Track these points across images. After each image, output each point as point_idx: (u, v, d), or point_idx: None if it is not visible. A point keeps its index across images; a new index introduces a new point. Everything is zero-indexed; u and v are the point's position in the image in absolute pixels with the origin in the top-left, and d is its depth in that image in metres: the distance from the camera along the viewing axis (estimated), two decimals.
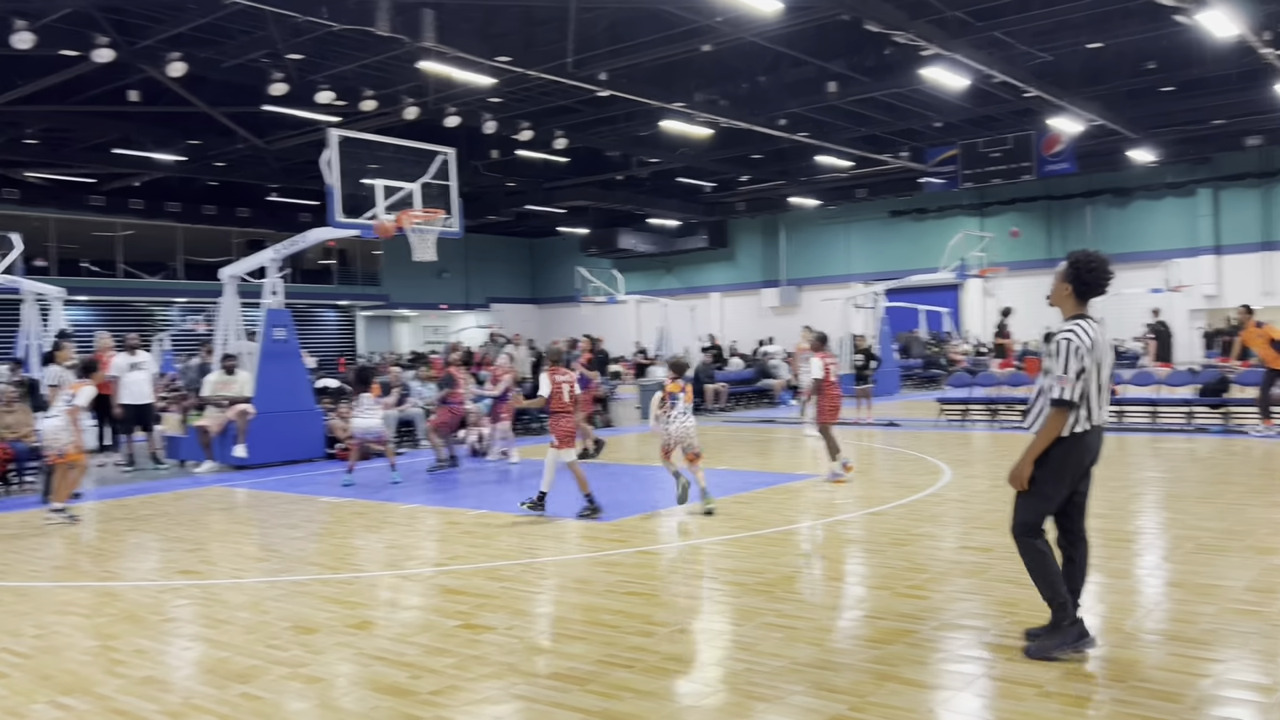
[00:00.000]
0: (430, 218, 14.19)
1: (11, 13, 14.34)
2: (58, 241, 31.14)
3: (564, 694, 4.73)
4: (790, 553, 7.97)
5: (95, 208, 30.97)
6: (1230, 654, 5.05)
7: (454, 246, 27.06)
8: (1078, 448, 4.84)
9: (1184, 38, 17.29)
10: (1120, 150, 27.01)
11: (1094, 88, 21.54)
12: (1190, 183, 31.27)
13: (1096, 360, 4.83)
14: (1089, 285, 4.90)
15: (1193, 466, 12.14)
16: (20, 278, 19.03)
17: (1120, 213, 32.56)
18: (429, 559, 8.14)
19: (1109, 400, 4.99)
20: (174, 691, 5.00)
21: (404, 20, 14.92)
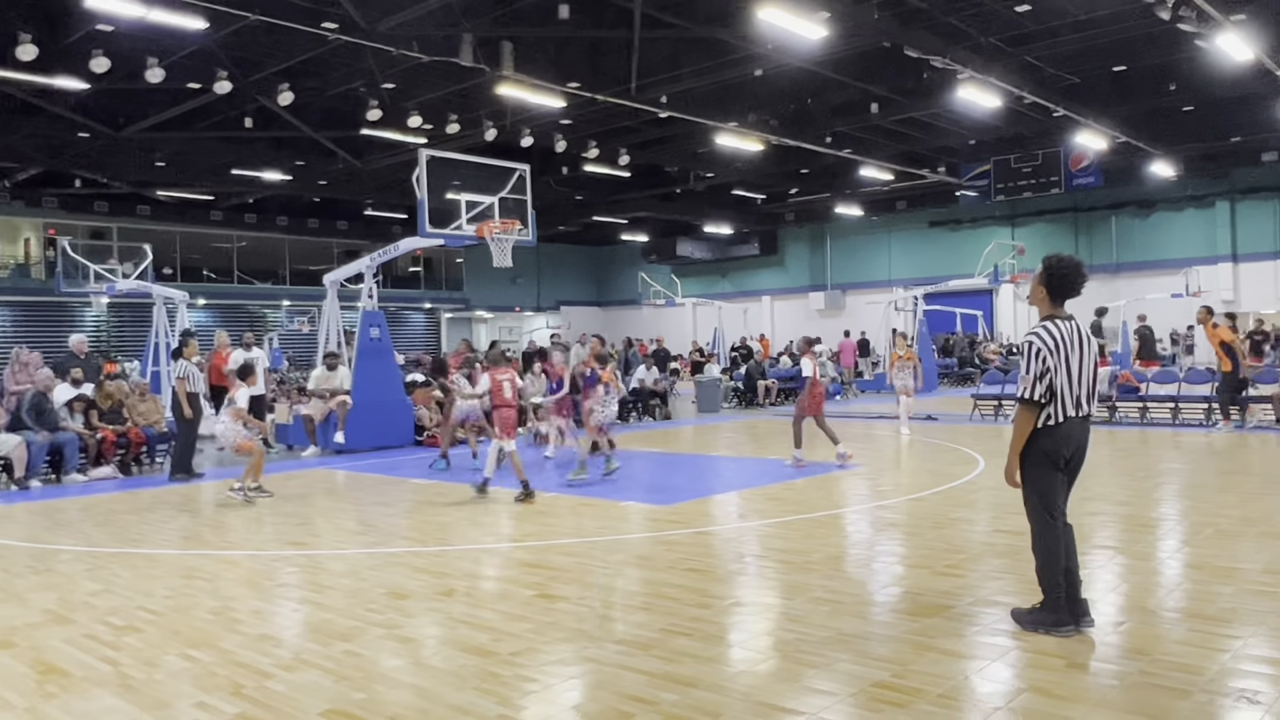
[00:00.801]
0: (507, 228, 14.31)
1: (145, 51, 14.76)
2: (182, 252, 31.95)
3: (630, 658, 4.75)
4: (836, 534, 7.91)
5: (214, 222, 31.80)
6: (1248, 631, 4.91)
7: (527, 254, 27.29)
8: (1053, 438, 4.79)
9: (1203, 60, 16.81)
10: (1143, 165, 26.35)
11: (1118, 107, 21.03)
12: (1209, 195, 30.40)
13: (1066, 357, 4.75)
14: (1061, 287, 4.83)
15: (1211, 458, 11.81)
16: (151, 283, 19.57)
17: (1143, 223, 31.76)
18: (506, 535, 8.21)
19: (1090, 392, 4.86)
20: (285, 647, 5.11)
21: (485, 52, 15.07)
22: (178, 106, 18.34)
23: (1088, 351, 4.85)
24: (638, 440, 15.63)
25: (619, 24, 15.23)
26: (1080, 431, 4.87)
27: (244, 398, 10.56)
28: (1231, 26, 14.02)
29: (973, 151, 26.45)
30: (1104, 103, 20.64)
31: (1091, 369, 4.84)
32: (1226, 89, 19.27)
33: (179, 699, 4.36)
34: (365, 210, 33.04)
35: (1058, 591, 4.82)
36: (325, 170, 24.81)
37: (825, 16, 13.34)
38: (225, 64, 15.85)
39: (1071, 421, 4.80)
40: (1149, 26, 15.27)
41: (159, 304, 19.04)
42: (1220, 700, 4.02)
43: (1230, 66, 16.44)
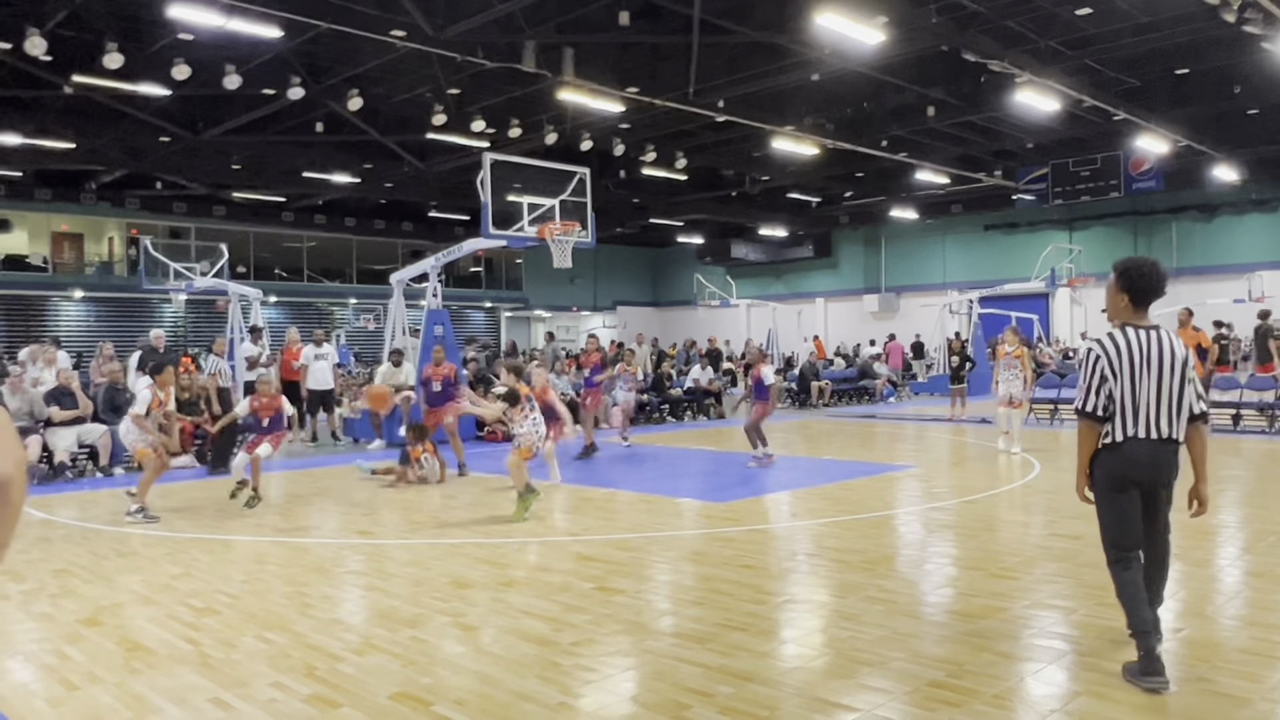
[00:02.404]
0: (568, 230, 14.43)
1: (223, 59, 15.13)
2: (255, 251, 32.65)
3: (686, 650, 4.78)
4: (889, 534, 7.84)
5: (286, 223, 32.46)
6: None
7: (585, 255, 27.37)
8: (1113, 459, 4.29)
9: (1268, 62, 16.29)
10: (1205, 168, 25.57)
11: (1180, 110, 20.45)
12: (1274, 200, 29.43)
13: (1132, 369, 4.22)
14: (1144, 291, 4.32)
15: (1273, 466, 11.47)
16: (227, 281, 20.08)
17: (1204, 228, 30.86)
18: (565, 529, 8.28)
19: (1170, 412, 4.23)
20: (354, 632, 5.23)
21: (546, 58, 15.18)
22: (253, 112, 18.77)
23: (1167, 365, 4.23)
24: (692, 439, 15.64)
25: (678, 30, 15.23)
26: (1151, 455, 4.25)
27: (144, 401, 8.93)
28: None
29: (1030, 155, 25.93)
30: (1165, 106, 20.11)
31: (1173, 386, 4.23)
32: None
33: (256, 678, 4.49)
34: (430, 212, 33.46)
35: (1142, 636, 4.17)
36: (392, 173, 25.17)
37: (883, 21, 13.21)
38: (298, 70, 16.20)
39: (1136, 442, 4.24)
40: (1213, 29, 14.85)
41: (234, 301, 19.51)
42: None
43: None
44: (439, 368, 12.57)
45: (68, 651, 4.96)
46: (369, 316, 32.58)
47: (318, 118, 19.65)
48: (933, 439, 15.23)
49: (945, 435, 15.58)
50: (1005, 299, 29.35)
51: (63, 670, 4.67)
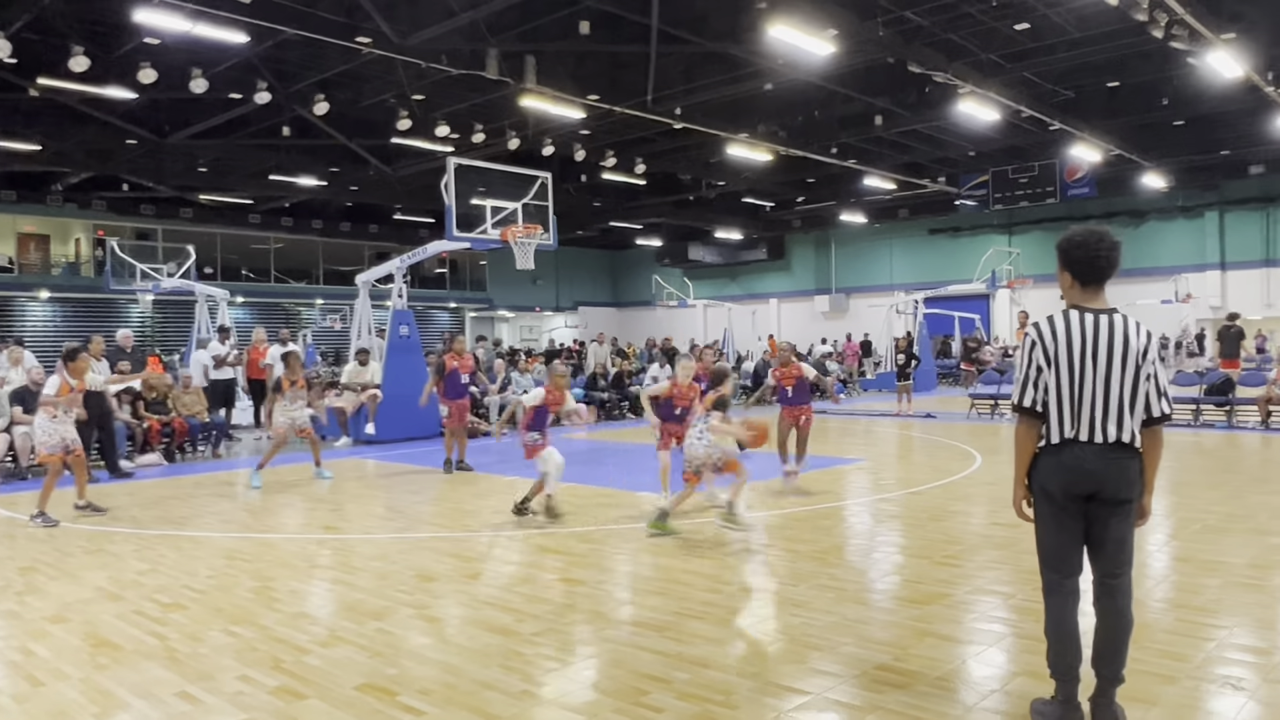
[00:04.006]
0: (530, 232, 14.38)
1: (190, 63, 14.86)
2: (222, 252, 32.10)
3: (645, 638, 4.78)
4: (839, 525, 7.91)
5: (253, 224, 31.95)
6: (1232, 621, 4.90)
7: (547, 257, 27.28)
8: (1053, 465, 3.50)
9: (1194, 77, 16.70)
10: (1135, 176, 26.17)
11: (1112, 121, 20.90)
12: (1199, 206, 30.19)
13: (1071, 360, 3.46)
14: (1084, 264, 3.52)
15: (1199, 458, 11.75)
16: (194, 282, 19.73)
17: (1135, 232, 31.54)
18: (528, 523, 8.24)
19: (1116, 410, 3.42)
20: (321, 625, 5.16)
21: (509, 65, 15.11)
22: (220, 115, 18.45)
23: (1119, 356, 3.43)
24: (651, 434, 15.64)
25: (636, 39, 15.23)
26: (1095, 463, 3.42)
27: (54, 385, 8.34)
28: (1221, 45, 13.93)
29: (972, 162, 26.34)
30: (1098, 117, 20.52)
31: (1125, 381, 3.43)
32: (1216, 104, 19.14)
33: (223, 672, 4.41)
34: (395, 214, 33.15)
35: (1062, 680, 3.55)
36: (358, 176, 24.89)
37: (832, 33, 13.33)
38: (265, 75, 15.95)
39: (1076, 447, 3.44)
40: (1142, 44, 15.18)
41: (201, 302, 19.17)
42: (1206, 687, 4.02)
43: (1220, 83, 16.34)
44: (464, 358, 11.58)
45: (33, 648, 4.84)
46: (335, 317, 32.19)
47: (284, 121, 19.37)
48: (880, 434, 15.40)
49: (892, 430, 15.76)
50: (949, 300, 29.77)
51: (28, 667, 4.56)
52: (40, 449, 8.49)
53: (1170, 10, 12.68)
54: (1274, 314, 28.92)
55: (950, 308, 31.47)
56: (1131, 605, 3.55)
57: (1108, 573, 3.53)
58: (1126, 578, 3.54)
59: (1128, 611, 3.53)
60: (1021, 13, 14.95)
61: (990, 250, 28.93)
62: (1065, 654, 3.54)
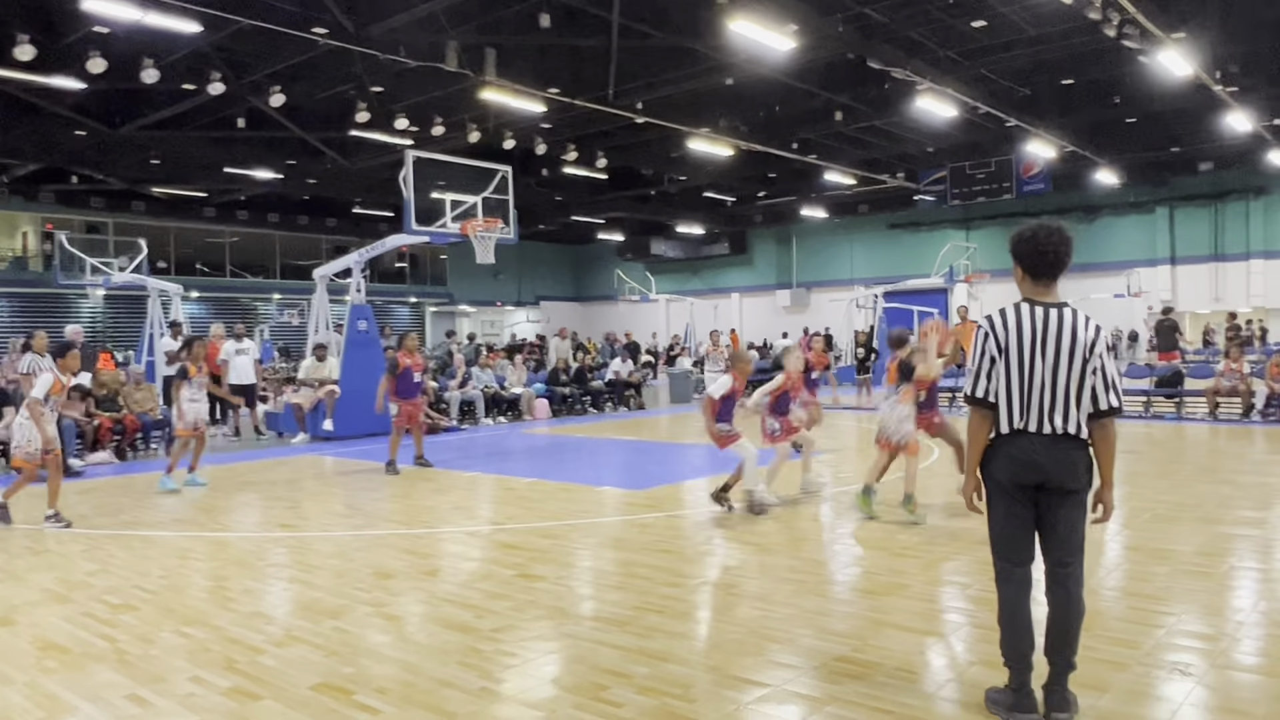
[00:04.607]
0: (490, 226, 14.28)
1: (141, 53, 14.52)
2: (176, 246, 31.51)
3: (605, 633, 4.77)
4: (800, 517, 7.96)
5: (207, 218, 31.39)
6: (1181, 608, 5.01)
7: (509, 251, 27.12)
8: (1002, 455, 3.56)
9: (1145, 75, 17.01)
10: (1088, 173, 26.64)
11: (1066, 118, 21.23)
12: (1150, 202, 30.81)
13: (1022, 349, 3.52)
14: (1034, 257, 3.61)
15: (1150, 448, 11.99)
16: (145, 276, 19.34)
17: (1088, 228, 32.10)
18: (488, 518, 8.21)
19: (1064, 402, 3.48)
20: (276, 624, 5.09)
21: (469, 58, 14.98)
22: (172, 107, 18.08)
23: (1066, 349, 3.49)
24: (613, 429, 15.65)
25: (597, 33, 15.18)
26: (1043, 454, 3.48)
27: (45, 385, 7.85)
28: (1172, 44, 14.21)
29: (930, 158, 26.62)
30: (1053, 114, 20.83)
31: (1072, 373, 3.48)
32: (1166, 102, 19.51)
33: (174, 673, 4.33)
34: (353, 208, 32.75)
35: (1015, 668, 3.61)
36: (315, 169, 24.53)
37: (793, 29, 13.38)
38: (219, 66, 15.64)
39: (1026, 438, 3.50)
40: (1095, 43, 15.42)
41: (154, 296, 18.80)
42: (1155, 673, 4.10)
43: (1170, 81, 16.65)
44: (416, 356, 11.21)
45: None
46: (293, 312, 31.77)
47: (239, 113, 19.04)
48: (840, 426, 15.51)
49: (852, 422, 15.90)
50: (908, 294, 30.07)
51: None
52: (16, 452, 7.91)
53: (1122, 9, 12.90)
54: (1222, 308, 29.60)
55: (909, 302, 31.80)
56: (1083, 593, 3.61)
57: (1059, 561, 3.58)
58: (1078, 566, 3.59)
59: (1079, 599, 3.58)
60: (979, 10, 15.13)
61: (948, 245, 29.31)
62: (1018, 642, 3.60)
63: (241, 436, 14.93)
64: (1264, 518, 7.33)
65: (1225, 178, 28.64)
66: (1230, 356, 15.05)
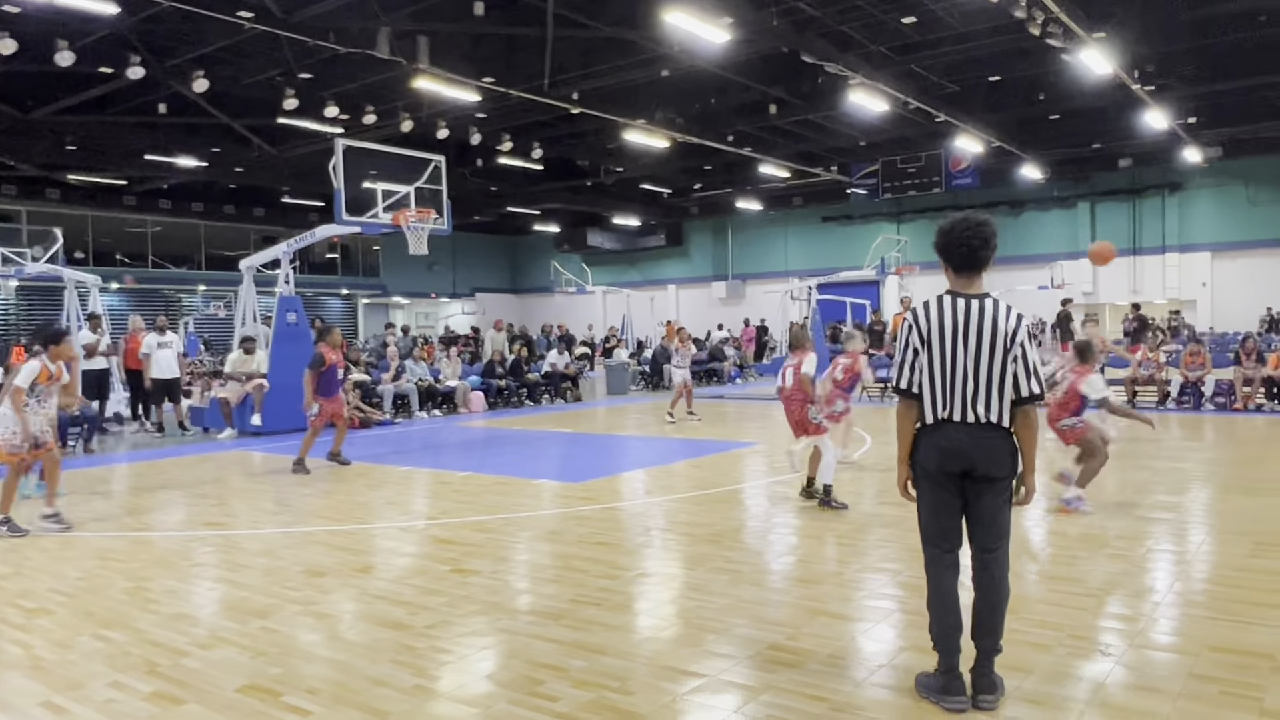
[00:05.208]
0: (423, 217, 14.08)
1: (54, 34, 13.94)
2: (94, 236, 30.39)
3: (541, 627, 4.74)
4: (736, 508, 8.02)
5: (128, 207, 30.29)
6: (1102, 591, 5.17)
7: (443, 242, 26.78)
8: (928, 444, 3.68)
9: (1068, 73, 17.49)
10: (1014, 168, 27.32)
11: (993, 114, 21.75)
12: (1072, 197, 31.72)
13: (943, 339, 3.62)
14: (950, 250, 3.71)
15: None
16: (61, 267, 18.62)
17: (1014, 221, 32.94)
18: (422, 513, 8.10)
19: (985, 391, 3.58)
20: (201, 626, 4.94)
21: (401, 45, 14.71)
22: (89, 90, 17.40)
23: (988, 339, 3.59)
24: (549, 421, 15.58)
25: (532, 22, 15.04)
26: (967, 442, 3.58)
27: (30, 372, 7.30)
28: (1093, 43, 14.63)
29: (863, 152, 27.01)
30: (981, 110, 21.32)
31: (994, 362, 3.58)
32: (1088, 100, 20.09)
33: (92, 679, 4.17)
34: (282, 197, 31.96)
35: (943, 651, 3.69)
36: (241, 157, 23.86)
37: (728, 21, 13.43)
38: (138, 49, 15.10)
39: (950, 426, 3.61)
40: (1021, 41, 15.78)
41: (70, 288, 18.11)
42: (1078, 654, 4.22)
43: (1092, 79, 17.14)
44: (338, 352, 10.91)
45: None
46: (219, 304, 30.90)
47: (160, 98, 18.40)
48: (776, 417, 15.67)
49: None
50: (841, 286, 30.49)
51: None
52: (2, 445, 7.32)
53: (1046, 9, 13.23)
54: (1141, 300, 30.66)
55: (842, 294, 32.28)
56: (1008, 577, 3.71)
57: (984, 547, 3.68)
58: (1003, 551, 3.69)
59: (1004, 583, 3.68)
60: (909, 6, 15.37)
61: (880, 238, 29.76)
62: (947, 626, 3.69)
63: (165, 433, 14.49)
64: (1179, 502, 7.62)
65: (1143, 174, 29.63)
66: (1148, 346, 15.60)
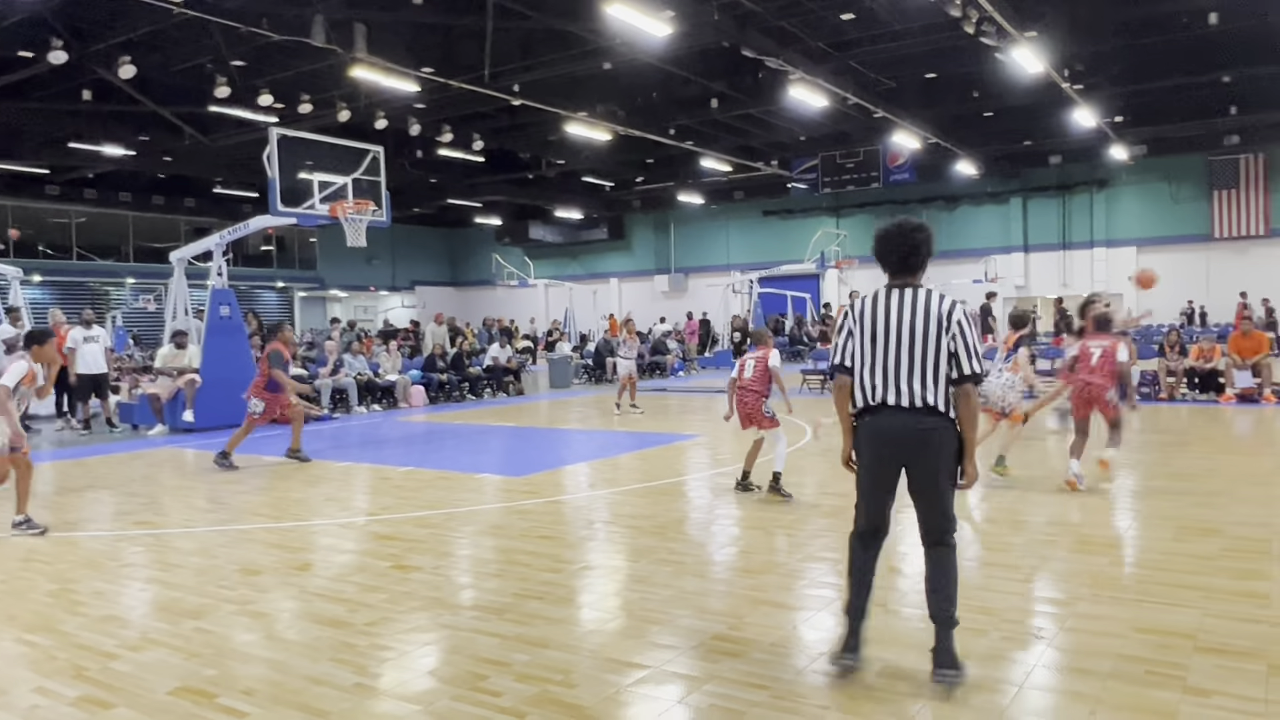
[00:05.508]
0: (361, 208, 13.85)
1: None
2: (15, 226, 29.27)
3: (484, 622, 4.71)
4: (679, 500, 8.05)
5: (50, 196, 29.22)
6: (1034, 575, 5.31)
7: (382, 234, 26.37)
8: (864, 426, 3.83)
9: (1001, 71, 17.89)
10: (950, 164, 27.88)
11: (929, 111, 22.16)
12: (1005, 192, 32.50)
13: (873, 329, 3.77)
14: (880, 256, 3.89)
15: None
16: None
17: (949, 216, 33.63)
18: (363, 509, 7.98)
19: (919, 375, 3.68)
20: (131, 628, 4.80)
21: (338, 33, 14.42)
22: (6, 75, 16.74)
23: (920, 324, 3.70)
24: (491, 415, 15.47)
25: (472, 12, 14.88)
26: (899, 425, 3.72)
27: (16, 374, 7.03)
28: (1025, 42, 14.98)
29: (802, 147, 27.31)
30: (917, 106, 21.70)
31: (927, 347, 3.69)
32: (1020, 98, 20.58)
33: (16, 685, 4.03)
34: (214, 188, 31.16)
35: (851, 619, 3.91)
36: (171, 146, 23.17)
37: (669, 15, 13.44)
38: (60, 33, 14.56)
39: (884, 410, 3.73)
40: (956, 39, 16.10)
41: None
42: (1012, 638, 4.33)
43: (1024, 78, 17.55)
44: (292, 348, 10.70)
45: None
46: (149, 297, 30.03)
47: (84, 84, 17.79)
48: (717, 410, 15.77)
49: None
50: (782, 279, 30.85)
51: None
52: None
53: (980, 7, 13.51)
54: (1070, 293, 31.53)
55: (783, 287, 32.62)
56: (954, 556, 3.82)
57: (930, 528, 3.82)
58: (949, 532, 3.80)
59: (952, 561, 3.80)
60: (847, 3, 15.56)
61: (819, 232, 30.17)
62: (858, 599, 3.89)
63: (92, 430, 14.04)
64: (1107, 489, 7.85)
65: (1072, 171, 30.47)
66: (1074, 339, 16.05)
